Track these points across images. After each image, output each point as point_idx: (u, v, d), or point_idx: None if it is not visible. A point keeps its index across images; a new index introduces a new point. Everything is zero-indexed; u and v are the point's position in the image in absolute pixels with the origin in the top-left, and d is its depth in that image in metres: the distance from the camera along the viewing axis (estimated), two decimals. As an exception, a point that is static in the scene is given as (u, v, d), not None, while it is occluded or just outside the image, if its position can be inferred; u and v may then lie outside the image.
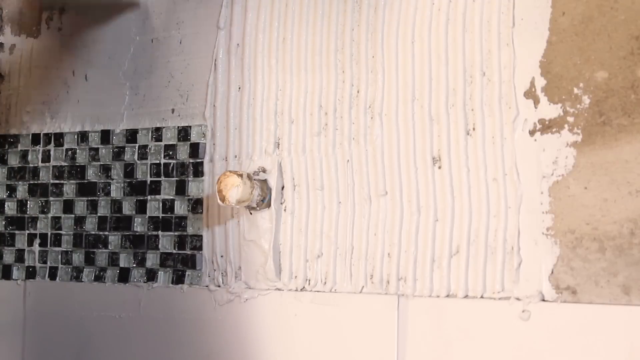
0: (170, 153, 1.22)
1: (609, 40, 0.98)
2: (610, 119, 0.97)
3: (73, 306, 1.28)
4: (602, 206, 0.97)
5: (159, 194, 1.23)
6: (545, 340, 0.98)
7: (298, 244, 1.12)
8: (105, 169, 1.27)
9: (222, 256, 1.17)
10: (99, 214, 1.27)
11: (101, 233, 1.27)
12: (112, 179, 1.26)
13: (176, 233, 1.21)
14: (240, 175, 1.07)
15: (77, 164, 1.29)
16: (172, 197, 1.22)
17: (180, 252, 1.21)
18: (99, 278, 1.26)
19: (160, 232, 1.23)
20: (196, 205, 1.20)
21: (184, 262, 1.20)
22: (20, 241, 1.33)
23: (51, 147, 1.31)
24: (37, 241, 1.32)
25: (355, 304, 1.08)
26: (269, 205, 1.13)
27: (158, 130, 1.23)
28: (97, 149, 1.28)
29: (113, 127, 1.27)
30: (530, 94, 1.02)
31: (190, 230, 1.20)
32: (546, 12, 1.02)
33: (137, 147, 1.25)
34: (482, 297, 1.02)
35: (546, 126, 1.00)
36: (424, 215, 1.06)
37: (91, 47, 1.30)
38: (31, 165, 1.33)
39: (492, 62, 1.03)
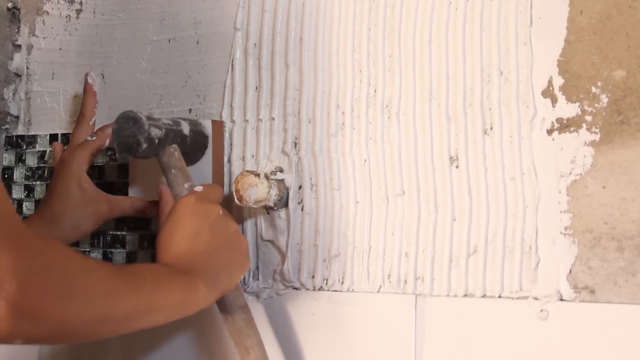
0: (188, 153, 1.22)
1: (627, 39, 0.98)
2: (628, 117, 0.97)
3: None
4: (621, 205, 0.97)
5: (177, 193, 1.23)
6: (564, 339, 0.98)
7: (315, 244, 1.12)
8: (123, 169, 1.27)
9: (239, 256, 1.17)
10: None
11: (119, 233, 1.27)
12: (130, 179, 1.27)
13: (193, 233, 1.21)
14: (258, 175, 1.07)
15: (96, 164, 1.29)
16: (189, 197, 1.22)
17: (197, 251, 1.21)
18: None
19: (177, 232, 1.22)
20: (214, 205, 1.20)
21: (201, 262, 1.20)
22: (39, 241, 1.34)
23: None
24: (55, 241, 1.32)
25: (372, 304, 1.08)
26: (286, 205, 1.13)
27: (175, 130, 1.23)
28: (115, 149, 1.28)
29: (130, 127, 1.27)
30: (548, 93, 1.01)
31: (207, 229, 1.20)
32: (564, 10, 1.01)
33: (154, 147, 1.25)
34: (500, 296, 1.02)
35: (564, 125, 1.00)
36: (441, 215, 1.06)
37: (108, 47, 1.30)
38: (49, 165, 1.33)
39: (509, 61, 1.03)
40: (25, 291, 0.68)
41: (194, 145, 1.13)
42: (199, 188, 1.01)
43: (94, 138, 1.18)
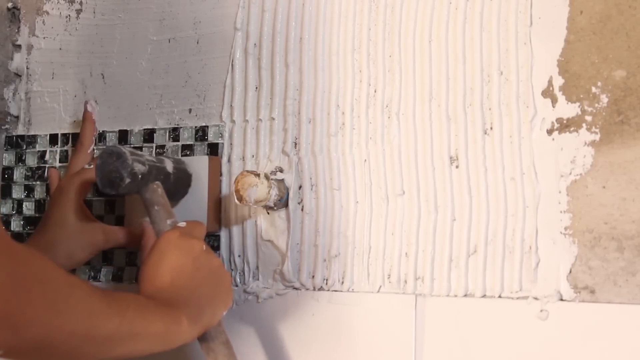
0: (188, 153, 1.22)
1: (627, 39, 0.98)
2: (628, 117, 0.97)
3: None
4: (621, 205, 0.97)
5: (177, 193, 1.23)
6: (564, 340, 0.98)
7: (315, 244, 1.12)
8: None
9: (239, 256, 1.17)
10: (116, 214, 1.27)
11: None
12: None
13: (194, 233, 1.21)
14: (258, 175, 1.07)
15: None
16: (189, 197, 1.22)
17: (197, 251, 1.21)
18: (117, 277, 1.26)
19: (177, 232, 1.22)
20: (213, 205, 1.20)
21: (201, 262, 1.20)
22: (39, 241, 1.34)
23: (69, 147, 1.31)
24: (55, 241, 1.32)
25: (372, 304, 1.08)
26: (286, 205, 1.13)
27: (175, 130, 1.23)
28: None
29: (130, 127, 1.27)
30: (548, 93, 1.01)
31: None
32: (564, 10, 1.01)
33: (154, 147, 1.25)
34: (500, 296, 1.02)
35: (564, 125, 1.00)
36: (441, 215, 1.06)
37: (108, 47, 1.30)
38: (49, 165, 1.33)
39: (509, 61, 1.03)
40: (7, 299, 0.66)
41: (177, 183, 1.13)
42: (182, 224, 1.00)
43: (92, 167, 1.17)
